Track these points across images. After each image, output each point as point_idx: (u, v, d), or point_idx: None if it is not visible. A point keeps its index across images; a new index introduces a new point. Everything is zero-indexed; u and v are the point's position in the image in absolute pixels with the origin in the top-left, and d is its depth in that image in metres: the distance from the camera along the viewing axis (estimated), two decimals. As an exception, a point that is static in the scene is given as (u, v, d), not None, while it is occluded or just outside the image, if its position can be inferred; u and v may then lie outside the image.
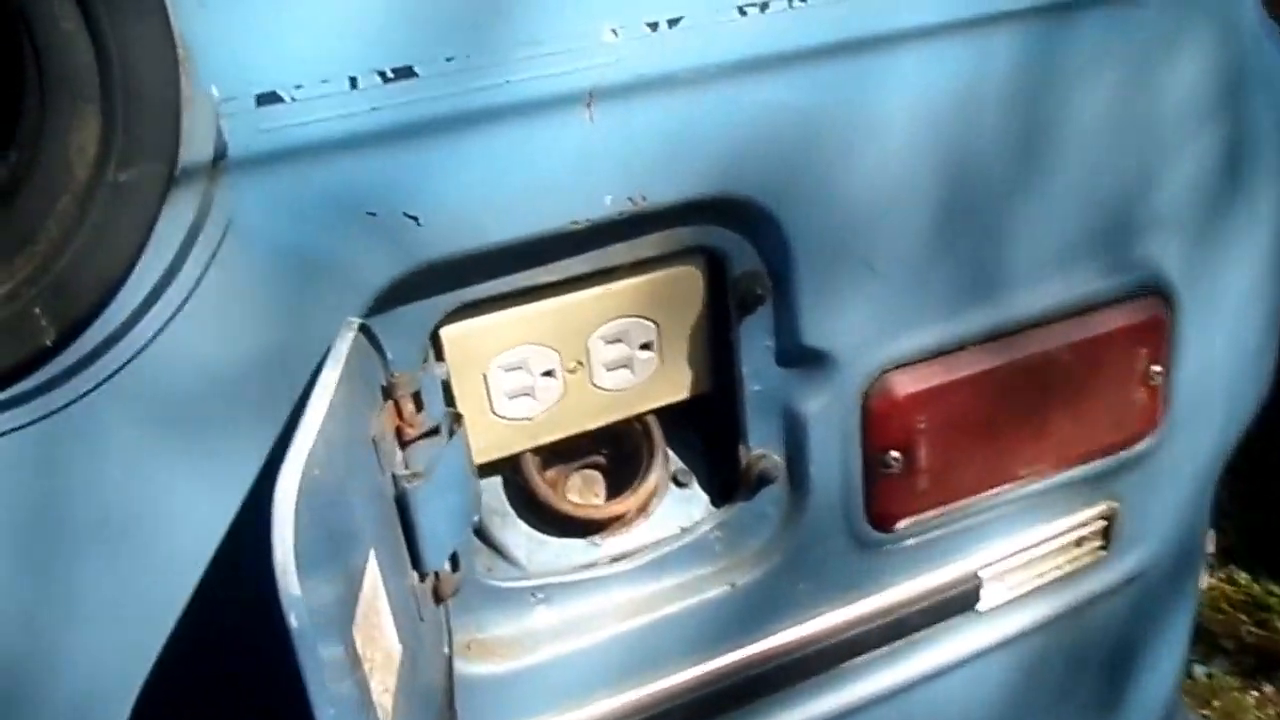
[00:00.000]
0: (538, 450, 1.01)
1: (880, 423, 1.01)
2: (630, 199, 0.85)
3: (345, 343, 0.76)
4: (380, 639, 0.77)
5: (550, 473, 1.05)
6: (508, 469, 1.03)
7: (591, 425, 1.00)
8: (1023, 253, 1.01)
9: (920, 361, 1.01)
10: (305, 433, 0.65)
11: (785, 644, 1.09)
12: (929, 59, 0.90)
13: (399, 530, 0.86)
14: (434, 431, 0.90)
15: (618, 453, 1.07)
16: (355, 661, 0.69)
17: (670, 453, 1.07)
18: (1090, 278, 1.06)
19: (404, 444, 0.88)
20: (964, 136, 0.94)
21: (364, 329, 0.81)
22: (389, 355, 0.86)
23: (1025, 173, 0.97)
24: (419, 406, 0.88)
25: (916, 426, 1.01)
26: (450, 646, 0.95)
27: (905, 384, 1.00)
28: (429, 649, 0.90)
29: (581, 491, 1.07)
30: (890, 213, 0.94)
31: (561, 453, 1.05)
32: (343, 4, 0.75)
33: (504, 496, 1.03)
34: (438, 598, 0.94)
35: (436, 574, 0.93)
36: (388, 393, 0.86)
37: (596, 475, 1.08)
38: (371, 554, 0.77)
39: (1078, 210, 1.02)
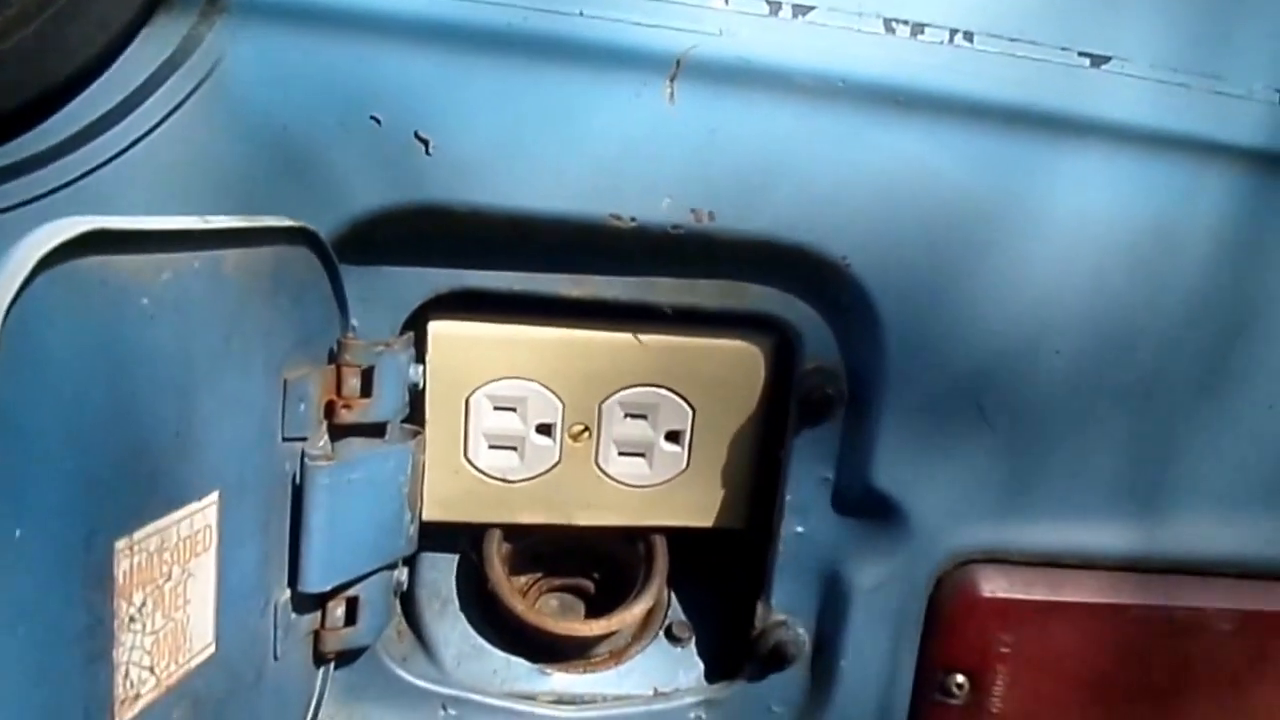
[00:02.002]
0: (510, 535, 0.81)
1: (950, 628, 0.75)
2: (694, 211, 0.67)
3: (273, 220, 0.60)
4: (179, 611, 0.57)
5: (521, 580, 0.84)
6: (468, 545, 0.82)
7: (582, 520, 0.79)
8: (1196, 466, 0.76)
9: (1022, 563, 0.75)
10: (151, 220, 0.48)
11: None
12: (1123, 168, 0.70)
13: (285, 521, 0.68)
14: (377, 432, 0.72)
15: (610, 579, 0.85)
16: (97, 572, 0.50)
17: (673, 596, 0.84)
18: (1281, 538, 0.78)
19: (334, 428, 0.70)
20: (1147, 283, 0.72)
21: (318, 246, 0.65)
22: (353, 320, 0.70)
23: (1223, 356, 0.73)
24: (366, 392, 0.70)
25: (997, 648, 0.74)
26: (310, 727, 0.73)
27: (995, 584, 0.74)
28: (270, 702, 0.68)
29: (554, 618, 0.84)
30: (1025, 348, 0.72)
31: (542, 559, 0.85)
32: None
33: (453, 579, 0.83)
34: (318, 654, 0.73)
35: (323, 618, 0.72)
36: (333, 355, 0.69)
37: (578, 605, 0.86)
38: (215, 496, 0.58)
39: (1281, 438, 0.76)
